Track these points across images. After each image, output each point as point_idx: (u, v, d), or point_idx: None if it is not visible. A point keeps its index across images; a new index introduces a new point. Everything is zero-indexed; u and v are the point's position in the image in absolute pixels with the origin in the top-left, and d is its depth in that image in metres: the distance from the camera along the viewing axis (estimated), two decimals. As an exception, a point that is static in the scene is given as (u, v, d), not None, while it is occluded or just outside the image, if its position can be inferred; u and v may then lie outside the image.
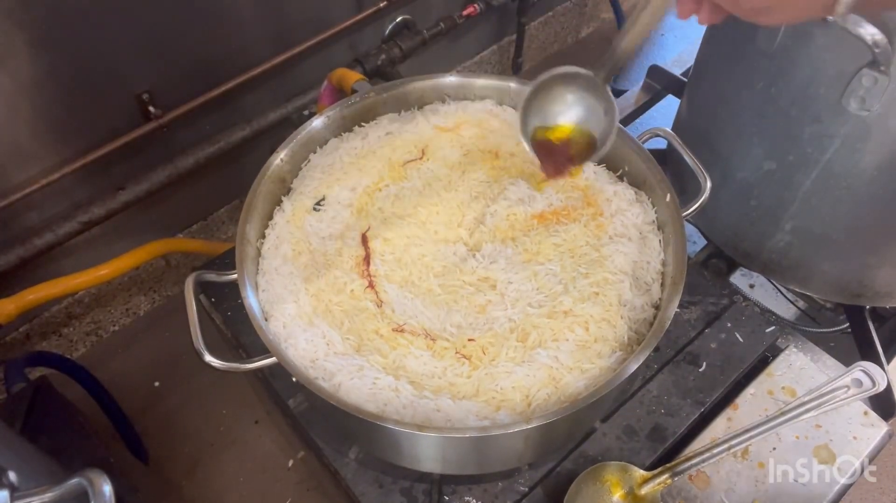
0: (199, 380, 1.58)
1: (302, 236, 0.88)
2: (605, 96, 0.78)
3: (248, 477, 1.48)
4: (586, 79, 0.78)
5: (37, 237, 1.32)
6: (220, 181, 1.63)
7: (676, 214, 0.84)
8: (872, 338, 1.14)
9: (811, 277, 1.13)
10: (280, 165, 0.93)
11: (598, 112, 0.79)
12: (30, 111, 1.22)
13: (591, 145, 0.81)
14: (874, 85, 0.84)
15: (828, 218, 1.02)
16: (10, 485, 0.65)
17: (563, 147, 0.82)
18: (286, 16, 1.48)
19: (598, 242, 0.86)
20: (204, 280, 0.83)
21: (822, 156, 0.95)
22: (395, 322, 0.80)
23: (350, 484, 0.86)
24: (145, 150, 1.40)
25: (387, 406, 0.72)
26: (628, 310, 0.80)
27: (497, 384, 0.74)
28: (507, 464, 0.84)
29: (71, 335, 1.60)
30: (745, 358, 0.97)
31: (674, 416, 0.91)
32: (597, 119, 0.80)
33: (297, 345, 0.78)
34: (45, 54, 1.17)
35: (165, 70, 1.35)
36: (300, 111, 1.59)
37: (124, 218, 1.43)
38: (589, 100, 0.79)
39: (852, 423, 0.90)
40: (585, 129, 0.81)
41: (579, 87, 0.79)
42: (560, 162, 0.81)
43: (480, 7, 1.85)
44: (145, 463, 1.45)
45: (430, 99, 1.03)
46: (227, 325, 1.02)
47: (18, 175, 1.26)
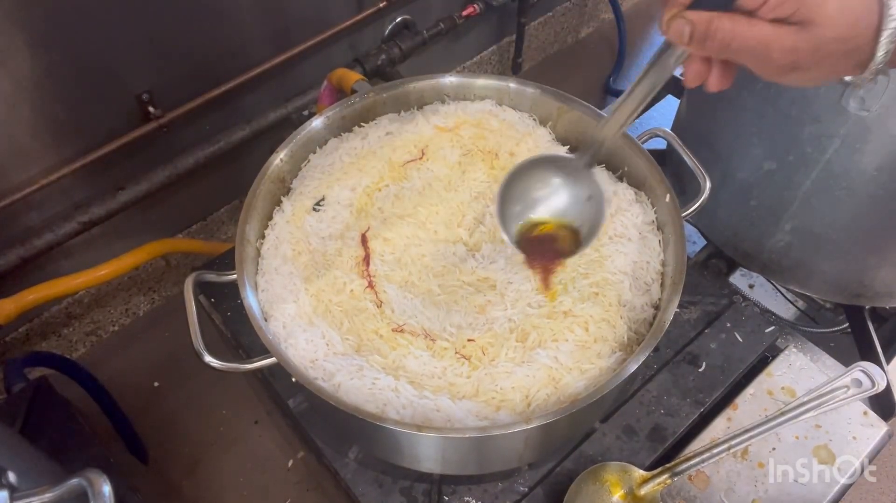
0: (199, 381, 1.58)
1: (302, 236, 0.88)
2: (589, 182, 0.74)
3: (248, 477, 1.48)
4: (568, 163, 0.74)
5: (36, 237, 1.32)
6: (219, 181, 1.63)
7: (676, 214, 0.84)
8: (872, 338, 1.14)
9: (811, 277, 1.13)
10: (280, 165, 0.93)
11: (580, 199, 0.76)
12: (30, 111, 1.22)
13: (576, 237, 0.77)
14: (873, 85, 0.84)
15: (828, 218, 1.02)
16: (10, 486, 0.65)
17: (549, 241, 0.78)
18: (286, 16, 1.48)
19: (597, 242, 0.86)
20: (204, 280, 0.83)
21: (822, 156, 0.95)
22: (395, 322, 0.80)
23: (350, 484, 0.86)
24: (145, 150, 1.40)
25: (386, 406, 0.72)
26: (628, 310, 0.80)
27: (497, 384, 0.74)
28: (507, 464, 0.84)
29: (71, 335, 1.60)
30: (745, 358, 0.97)
31: (673, 416, 0.91)
32: (579, 207, 0.76)
33: (296, 345, 0.78)
34: (45, 54, 1.17)
35: (165, 70, 1.35)
36: (300, 111, 1.59)
37: (124, 218, 1.43)
38: (571, 185, 0.76)
39: (852, 423, 0.90)
40: (568, 222, 0.77)
41: (560, 170, 0.75)
42: (547, 258, 0.78)
43: (480, 7, 1.85)
44: (145, 463, 1.45)
45: (430, 99, 1.03)
46: (226, 326, 1.02)
47: (18, 175, 1.26)
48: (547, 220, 0.78)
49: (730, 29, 0.53)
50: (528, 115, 1.01)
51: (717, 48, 0.55)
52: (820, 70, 0.54)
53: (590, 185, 0.75)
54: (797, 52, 0.52)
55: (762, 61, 0.54)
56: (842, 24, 0.51)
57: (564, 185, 0.77)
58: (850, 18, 0.51)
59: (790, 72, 0.55)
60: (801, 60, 0.53)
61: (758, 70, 0.56)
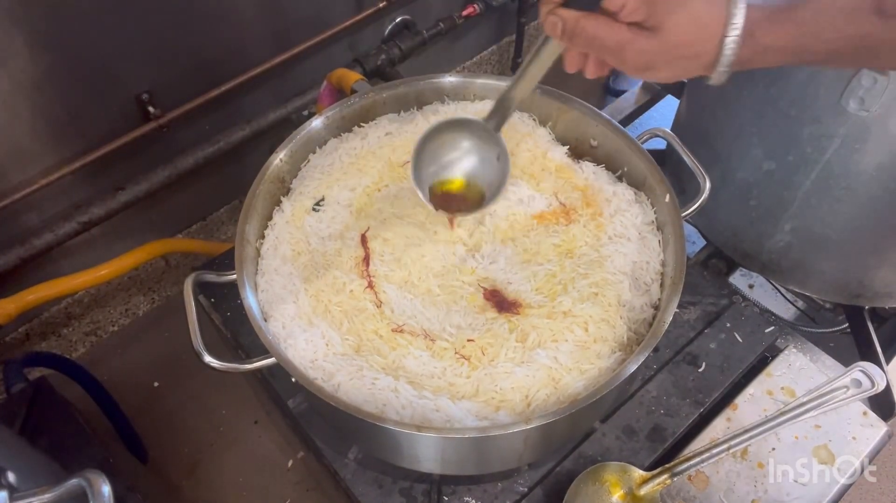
0: (199, 381, 1.58)
1: (301, 236, 0.88)
2: (496, 142, 0.80)
3: (247, 477, 1.48)
4: (478, 126, 0.80)
5: (36, 237, 1.32)
6: (219, 181, 1.63)
7: (676, 215, 0.84)
8: (872, 338, 1.14)
9: (811, 278, 1.13)
10: (279, 166, 0.93)
11: (491, 158, 0.82)
12: (30, 111, 1.22)
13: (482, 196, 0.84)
14: (873, 85, 0.84)
15: (827, 218, 1.02)
16: (10, 486, 0.65)
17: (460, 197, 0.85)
18: (286, 16, 1.48)
19: (597, 243, 0.86)
20: (203, 280, 0.83)
21: (822, 156, 0.95)
22: (395, 322, 0.80)
23: (349, 484, 0.86)
24: (145, 150, 1.40)
25: (386, 406, 0.72)
26: (627, 310, 0.80)
27: (496, 384, 0.74)
28: (507, 464, 0.84)
29: (70, 335, 1.60)
30: (745, 358, 0.97)
31: (673, 417, 0.91)
32: (489, 166, 0.82)
33: (296, 345, 0.78)
34: (45, 54, 1.17)
35: (165, 70, 1.35)
36: (300, 111, 1.59)
37: (124, 218, 1.43)
38: (482, 147, 0.82)
39: (852, 424, 0.90)
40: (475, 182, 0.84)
41: (472, 133, 0.81)
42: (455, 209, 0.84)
43: (480, 7, 1.85)
44: (145, 463, 1.45)
45: (430, 99, 1.03)
46: (226, 326, 1.02)
47: (18, 175, 1.26)
48: (458, 178, 0.84)
49: (592, 29, 0.60)
50: (528, 115, 1.01)
51: (583, 45, 0.62)
52: (671, 70, 0.61)
53: (497, 146, 0.80)
54: (649, 54, 0.59)
55: (619, 60, 0.61)
56: (689, 31, 0.57)
57: (475, 146, 0.82)
58: (697, 26, 0.57)
59: (645, 70, 0.61)
60: (653, 61, 0.60)
61: (617, 66, 0.62)
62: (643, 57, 0.60)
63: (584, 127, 0.97)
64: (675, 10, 0.57)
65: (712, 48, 0.58)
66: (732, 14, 0.56)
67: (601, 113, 0.95)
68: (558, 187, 0.93)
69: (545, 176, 0.94)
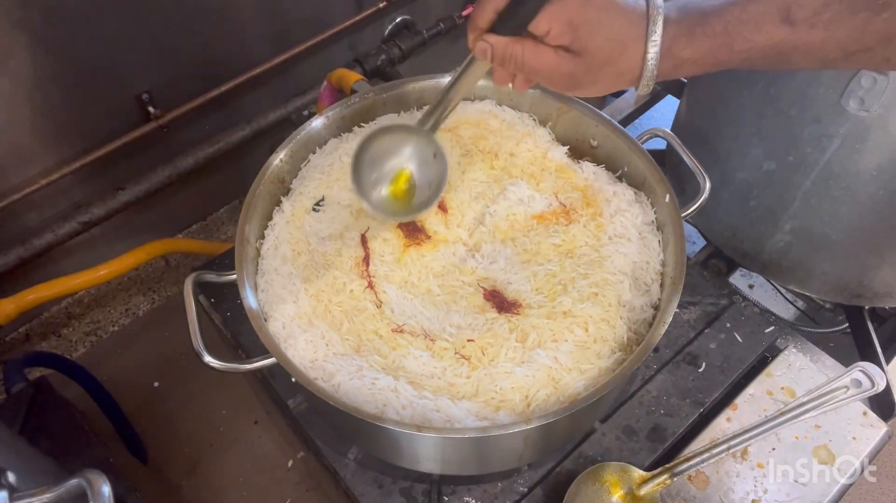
0: (199, 381, 1.58)
1: (301, 237, 0.88)
2: (432, 143, 0.80)
3: (247, 477, 1.48)
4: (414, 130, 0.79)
5: (36, 237, 1.32)
6: (219, 181, 1.63)
7: (676, 215, 0.84)
8: (872, 338, 1.14)
9: (811, 278, 1.13)
10: (279, 166, 0.93)
11: (428, 159, 0.81)
12: (30, 111, 1.22)
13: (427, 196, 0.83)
14: (873, 85, 0.84)
15: (827, 218, 1.02)
16: (9, 486, 0.65)
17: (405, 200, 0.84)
18: (286, 16, 1.48)
19: (597, 243, 0.86)
20: (203, 280, 0.83)
21: (822, 156, 0.95)
22: (395, 322, 0.80)
23: (349, 484, 0.86)
24: (145, 150, 1.40)
25: (386, 406, 0.72)
26: (627, 310, 0.80)
27: (496, 384, 0.74)
28: (507, 464, 0.84)
29: (70, 335, 1.60)
30: (745, 358, 0.97)
31: (673, 417, 0.91)
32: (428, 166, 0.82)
33: (296, 345, 0.78)
34: (45, 54, 1.17)
35: (165, 70, 1.35)
36: (300, 111, 1.59)
37: (124, 218, 1.43)
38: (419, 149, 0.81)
39: (852, 424, 0.90)
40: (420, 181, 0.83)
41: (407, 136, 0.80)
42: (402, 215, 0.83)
43: (480, 7, 1.84)
44: (145, 463, 1.45)
45: (430, 99, 1.03)
46: (226, 326, 1.02)
47: (18, 175, 1.26)
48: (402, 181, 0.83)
49: (520, 54, 0.63)
50: (527, 115, 1.01)
51: (513, 68, 0.65)
52: (598, 86, 0.65)
53: (434, 146, 0.80)
54: (576, 76, 0.63)
55: (549, 81, 0.65)
56: (612, 52, 0.61)
57: (414, 149, 0.82)
58: (619, 46, 0.61)
59: (573, 88, 0.65)
60: (580, 81, 0.64)
61: (548, 86, 0.66)
62: (571, 79, 0.63)
63: (584, 127, 0.97)
64: (597, 33, 0.60)
65: (635, 65, 0.62)
66: (651, 32, 0.60)
67: (601, 113, 0.95)
68: (558, 187, 0.93)
69: (545, 176, 0.94)
